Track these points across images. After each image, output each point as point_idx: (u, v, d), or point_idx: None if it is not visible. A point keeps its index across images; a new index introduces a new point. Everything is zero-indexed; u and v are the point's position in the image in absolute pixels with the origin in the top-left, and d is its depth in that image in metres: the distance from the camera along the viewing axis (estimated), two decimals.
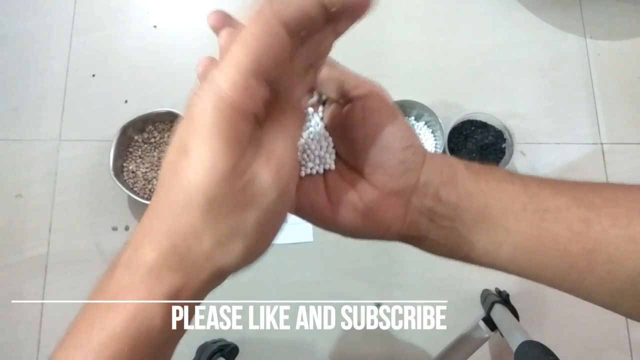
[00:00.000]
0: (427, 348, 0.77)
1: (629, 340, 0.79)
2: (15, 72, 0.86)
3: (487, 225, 0.27)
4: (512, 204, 0.27)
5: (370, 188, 0.28)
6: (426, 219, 0.28)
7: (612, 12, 0.94)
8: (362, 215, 0.27)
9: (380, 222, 0.28)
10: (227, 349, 0.71)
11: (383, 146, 0.27)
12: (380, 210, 0.27)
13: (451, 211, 0.28)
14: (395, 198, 0.27)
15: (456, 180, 0.28)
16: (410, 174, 0.28)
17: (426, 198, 0.28)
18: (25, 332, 0.76)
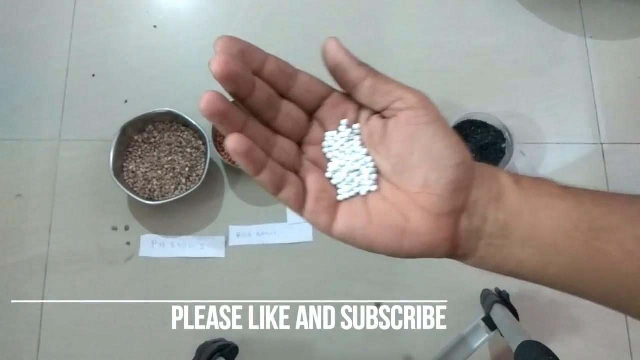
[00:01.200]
0: (427, 348, 0.77)
1: (629, 340, 0.79)
2: (15, 72, 0.86)
3: (536, 244, 0.26)
4: (563, 222, 0.26)
5: (417, 209, 0.26)
6: (475, 238, 0.27)
7: (612, 12, 0.94)
8: (408, 239, 0.26)
9: (429, 244, 0.26)
10: (227, 349, 0.71)
11: (433, 164, 0.25)
12: (429, 232, 0.26)
13: (500, 229, 0.26)
14: (445, 219, 0.26)
15: (505, 197, 0.27)
16: (461, 194, 0.26)
17: (475, 217, 0.26)
18: (25, 332, 0.76)
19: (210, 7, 0.91)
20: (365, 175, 0.27)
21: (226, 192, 0.83)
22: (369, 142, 0.27)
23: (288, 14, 0.91)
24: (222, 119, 0.23)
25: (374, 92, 0.25)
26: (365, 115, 0.27)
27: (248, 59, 0.24)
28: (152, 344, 0.76)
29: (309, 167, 0.27)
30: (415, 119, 0.25)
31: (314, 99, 0.27)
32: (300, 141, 0.27)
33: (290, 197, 0.25)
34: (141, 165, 0.79)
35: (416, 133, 0.25)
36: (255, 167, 0.24)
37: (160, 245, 0.80)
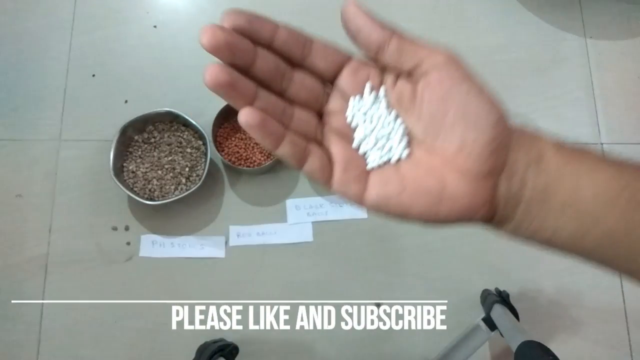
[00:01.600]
0: (427, 348, 0.77)
1: (629, 340, 0.79)
2: (15, 72, 0.86)
3: (575, 211, 0.25)
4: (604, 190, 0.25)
5: (454, 172, 0.25)
6: (513, 202, 0.25)
7: (612, 12, 0.94)
8: (445, 204, 0.25)
9: (466, 209, 0.25)
10: (227, 349, 0.71)
11: (469, 123, 0.24)
12: (467, 196, 0.25)
13: (539, 194, 0.25)
14: (483, 181, 0.25)
15: (546, 160, 0.25)
16: (500, 154, 0.25)
17: (514, 180, 0.25)
18: (25, 332, 0.76)
19: (210, 7, 0.91)
20: (395, 141, 0.25)
21: (226, 192, 0.83)
22: (398, 106, 0.26)
23: (288, 14, 0.91)
24: (229, 90, 0.23)
25: (401, 53, 0.24)
26: (391, 79, 0.26)
27: (256, 30, 0.23)
28: (152, 344, 0.76)
29: (333, 137, 0.26)
30: (446, 77, 0.24)
31: (331, 65, 0.26)
32: (319, 111, 0.26)
33: (315, 168, 0.25)
34: (141, 165, 0.79)
35: (449, 92, 0.24)
36: (272, 140, 0.23)
37: (160, 245, 0.80)
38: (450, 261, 0.81)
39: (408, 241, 0.81)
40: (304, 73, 0.25)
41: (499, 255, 0.82)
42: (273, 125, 0.23)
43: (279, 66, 0.24)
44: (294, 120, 0.25)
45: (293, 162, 0.24)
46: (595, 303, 0.80)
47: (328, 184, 0.25)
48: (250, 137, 0.81)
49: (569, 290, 0.81)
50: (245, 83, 0.23)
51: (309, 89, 0.25)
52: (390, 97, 0.26)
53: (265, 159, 0.80)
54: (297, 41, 0.24)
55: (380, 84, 0.26)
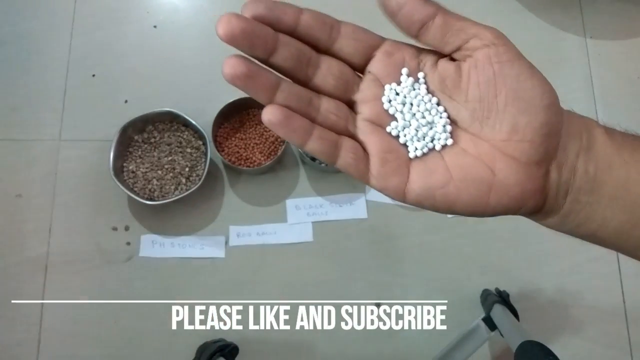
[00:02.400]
0: (427, 348, 0.77)
1: (629, 340, 0.79)
2: (15, 72, 0.86)
3: (625, 202, 0.24)
4: None
5: (505, 159, 0.23)
6: (562, 192, 0.24)
7: (612, 12, 0.94)
8: (494, 194, 0.23)
9: (517, 199, 0.23)
10: (227, 349, 0.71)
11: (521, 106, 0.22)
12: (519, 184, 0.23)
13: (589, 183, 0.24)
14: (535, 168, 0.23)
15: (596, 148, 0.24)
16: (552, 139, 0.23)
17: (565, 168, 0.24)
18: (25, 332, 0.76)
19: (210, 7, 0.91)
20: (439, 127, 0.23)
21: (226, 192, 0.83)
22: (440, 89, 0.24)
23: None
24: (248, 82, 0.21)
25: (446, 31, 0.23)
26: (430, 61, 0.24)
27: (277, 16, 0.22)
28: (152, 344, 0.76)
29: (368, 127, 0.24)
30: (496, 57, 0.22)
31: (362, 49, 0.24)
32: (350, 100, 0.24)
33: (349, 162, 0.23)
34: (141, 165, 0.79)
35: (499, 73, 0.22)
36: (299, 137, 0.22)
37: (160, 245, 0.80)
38: (450, 261, 0.81)
39: (408, 241, 0.81)
40: (331, 59, 0.24)
41: (499, 255, 0.82)
42: (298, 121, 0.22)
43: (304, 53, 0.23)
44: (321, 111, 0.23)
45: (324, 157, 0.23)
46: (595, 303, 0.80)
47: (365, 178, 0.24)
48: (250, 137, 0.81)
49: (569, 290, 0.81)
50: (266, 74, 0.22)
51: (338, 75, 0.24)
52: (431, 81, 0.24)
53: (266, 159, 0.80)
54: (324, 25, 0.23)
55: (418, 67, 0.24)
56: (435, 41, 0.23)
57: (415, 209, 0.82)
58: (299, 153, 0.82)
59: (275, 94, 0.22)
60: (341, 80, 0.24)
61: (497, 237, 0.82)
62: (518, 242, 0.82)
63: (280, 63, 0.22)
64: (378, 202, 0.82)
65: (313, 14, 0.23)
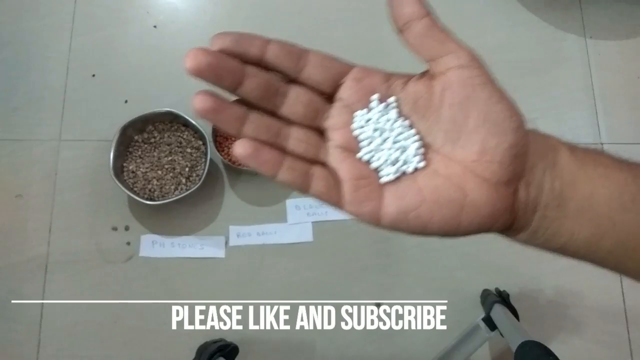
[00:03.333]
0: (427, 348, 0.77)
1: (629, 340, 0.79)
2: (15, 72, 0.86)
3: (591, 216, 0.24)
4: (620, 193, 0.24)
5: (475, 179, 0.24)
6: (531, 209, 0.25)
7: (612, 12, 0.94)
8: (466, 214, 0.24)
9: (488, 218, 0.24)
10: (227, 349, 0.71)
11: (491, 129, 0.23)
12: (489, 203, 0.24)
13: (555, 199, 0.25)
14: (505, 188, 0.24)
15: (561, 165, 0.25)
16: (520, 159, 0.24)
17: (532, 185, 0.25)
18: (25, 332, 0.76)
19: (210, 7, 0.91)
20: (411, 151, 0.24)
21: (226, 192, 0.83)
22: (413, 110, 0.24)
23: (288, 14, 0.91)
24: (216, 116, 0.22)
25: (428, 35, 0.23)
26: (400, 84, 0.24)
27: (244, 48, 0.23)
28: (152, 344, 0.76)
29: (339, 153, 0.24)
30: (469, 79, 0.23)
31: (331, 76, 0.24)
32: (320, 127, 0.25)
33: (321, 191, 0.23)
34: (141, 165, 0.79)
35: (471, 95, 0.23)
36: (269, 168, 0.23)
37: (160, 245, 0.80)
38: (450, 261, 0.81)
39: (408, 241, 0.81)
40: (300, 88, 0.24)
41: (499, 255, 0.82)
42: (268, 153, 0.23)
43: (272, 83, 0.23)
44: (291, 141, 0.24)
45: (295, 187, 0.23)
46: (595, 303, 0.80)
47: (339, 205, 0.24)
48: None
49: (569, 290, 0.81)
50: (233, 107, 0.23)
51: (306, 103, 0.24)
52: (403, 103, 0.24)
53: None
54: (290, 55, 0.23)
55: (388, 91, 0.24)
56: (415, 41, 0.23)
57: None
58: None
59: (243, 125, 0.23)
60: (310, 108, 0.24)
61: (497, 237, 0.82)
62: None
63: (248, 94, 0.23)
64: None
65: (280, 44, 0.23)
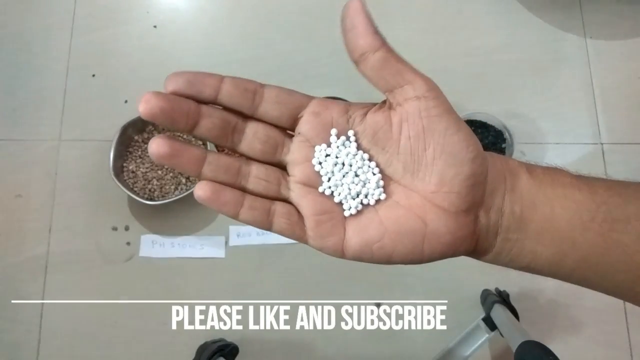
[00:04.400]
0: (427, 348, 0.77)
1: (629, 340, 0.79)
2: (15, 72, 0.86)
3: (552, 236, 0.25)
4: (579, 213, 0.25)
5: (435, 210, 0.24)
6: (492, 233, 0.26)
7: (612, 12, 0.94)
8: (428, 243, 0.24)
9: (449, 246, 0.25)
10: (227, 349, 0.71)
11: (448, 160, 0.23)
12: (450, 232, 0.24)
13: (516, 222, 0.25)
14: (464, 216, 0.24)
15: (520, 188, 0.25)
16: (478, 188, 0.24)
17: (492, 211, 0.25)
18: (25, 332, 0.76)
19: (210, 7, 0.91)
20: (372, 184, 0.24)
21: None
22: (373, 142, 0.24)
23: (288, 14, 0.91)
24: (173, 160, 0.22)
25: (384, 67, 0.23)
26: (360, 116, 0.24)
27: (198, 89, 0.23)
28: (152, 344, 0.76)
29: (300, 189, 0.24)
30: (426, 111, 0.23)
31: (287, 111, 0.24)
32: (281, 162, 0.25)
33: (284, 227, 0.24)
34: (141, 165, 0.79)
35: (429, 127, 0.23)
36: (230, 209, 0.23)
37: (160, 245, 0.80)
38: (450, 261, 0.80)
39: None
40: (258, 124, 0.24)
41: None
42: (228, 194, 0.23)
43: (228, 121, 0.23)
44: (251, 179, 0.24)
45: (257, 226, 0.24)
46: (595, 303, 0.80)
47: (302, 240, 0.25)
48: None
49: (569, 290, 0.81)
50: (190, 150, 0.23)
51: (264, 140, 0.24)
52: (362, 135, 0.24)
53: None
54: (245, 92, 0.23)
55: (347, 123, 0.24)
56: (372, 73, 0.23)
57: None
58: None
59: (201, 167, 0.23)
60: (268, 144, 0.24)
61: None
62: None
63: (204, 134, 0.23)
64: None
65: (234, 82, 0.23)
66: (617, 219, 0.25)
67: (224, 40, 0.89)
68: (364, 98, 0.82)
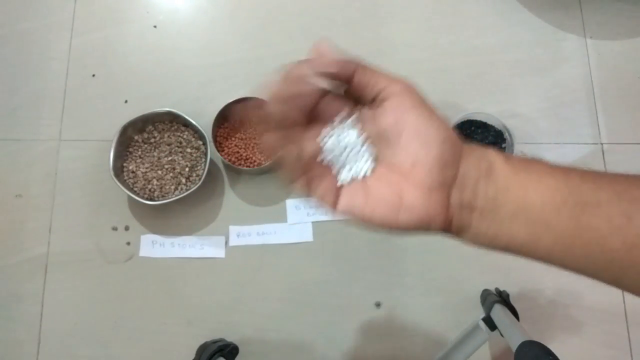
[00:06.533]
0: (427, 348, 0.77)
1: (629, 340, 0.79)
2: (15, 72, 0.86)
3: (526, 219, 0.28)
4: (552, 197, 0.27)
5: (409, 186, 0.28)
6: (467, 212, 0.29)
7: (612, 12, 0.94)
8: (403, 214, 0.28)
9: (422, 218, 0.28)
10: (227, 349, 0.71)
11: (420, 143, 0.28)
12: (422, 206, 0.28)
13: (490, 203, 0.28)
14: (436, 194, 0.28)
15: (495, 173, 0.29)
16: (449, 168, 0.28)
17: (465, 192, 0.29)
18: (25, 332, 0.76)
19: (210, 7, 0.91)
20: (362, 162, 0.30)
21: (226, 192, 0.83)
22: (367, 130, 0.30)
23: (288, 14, 0.91)
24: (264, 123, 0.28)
25: (363, 86, 0.29)
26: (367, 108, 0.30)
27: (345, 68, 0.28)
28: (152, 344, 0.76)
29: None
30: (400, 105, 0.28)
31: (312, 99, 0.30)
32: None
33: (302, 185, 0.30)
34: (141, 165, 0.79)
35: (402, 117, 0.28)
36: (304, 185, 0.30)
37: (160, 245, 0.80)
38: (450, 261, 0.81)
39: (408, 241, 0.81)
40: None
41: (499, 255, 0.81)
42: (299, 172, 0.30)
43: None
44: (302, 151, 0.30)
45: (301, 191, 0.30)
46: (595, 303, 0.80)
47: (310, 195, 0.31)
48: (250, 137, 0.81)
49: (569, 290, 0.81)
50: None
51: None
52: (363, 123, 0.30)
53: (266, 159, 0.80)
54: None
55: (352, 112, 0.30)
56: (357, 93, 0.29)
57: None
58: None
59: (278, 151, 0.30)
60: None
61: None
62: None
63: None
64: None
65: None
66: (588, 202, 0.27)
67: (224, 40, 0.89)
68: None
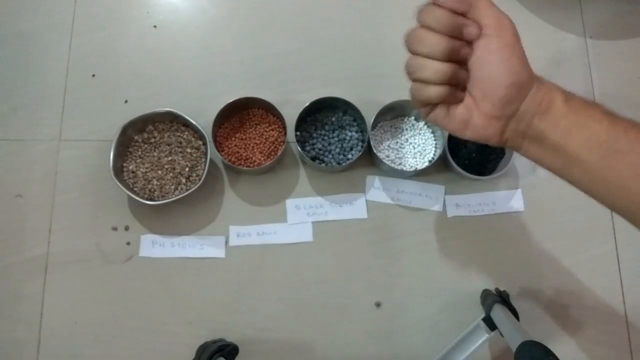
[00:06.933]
0: (427, 348, 0.77)
1: (629, 340, 0.79)
2: (15, 72, 0.86)
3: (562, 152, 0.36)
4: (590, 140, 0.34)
5: (477, 111, 0.38)
6: (520, 137, 0.39)
7: (612, 12, 0.94)
8: (469, 130, 0.39)
9: (482, 136, 0.39)
10: (227, 349, 0.71)
11: (491, 82, 0.36)
12: (483, 128, 0.39)
13: (537, 135, 0.37)
14: (495, 122, 0.38)
15: (551, 111, 0.36)
16: (510, 106, 0.37)
17: (521, 123, 0.38)
18: (25, 332, 0.76)
19: (210, 7, 0.91)
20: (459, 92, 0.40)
21: (226, 192, 0.83)
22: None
23: (288, 14, 0.91)
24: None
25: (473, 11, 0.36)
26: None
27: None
28: (152, 344, 0.76)
29: None
30: (486, 47, 0.36)
31: None
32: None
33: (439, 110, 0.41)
34: (141, 165, 0.79)
35: (483, 58, 0.36)
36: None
37: (160, 245, 0.80)
38: (450, 261, 0.81)
39: (408, 241, 0.81)
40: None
41: (499, 255, 0.82)
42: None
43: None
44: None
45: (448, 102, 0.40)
46: (595, 303, 0.80)
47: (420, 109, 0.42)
48: (250, 137, 0.81)
49: (569, 290, 0.81)
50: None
51: None
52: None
53: (265, 159, 0.80)
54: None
55: None
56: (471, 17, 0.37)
57: (414, 208, 0.81)
58: (299, 153, 0.82)
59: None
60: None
61: (497, 237, 0.82)
62: (518, 242, 0.82)
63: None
64: (378, 202, 0.82)
65: None
66: (619, 150, 0.33)
67: (224, 40, 0.89)
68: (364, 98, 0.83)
